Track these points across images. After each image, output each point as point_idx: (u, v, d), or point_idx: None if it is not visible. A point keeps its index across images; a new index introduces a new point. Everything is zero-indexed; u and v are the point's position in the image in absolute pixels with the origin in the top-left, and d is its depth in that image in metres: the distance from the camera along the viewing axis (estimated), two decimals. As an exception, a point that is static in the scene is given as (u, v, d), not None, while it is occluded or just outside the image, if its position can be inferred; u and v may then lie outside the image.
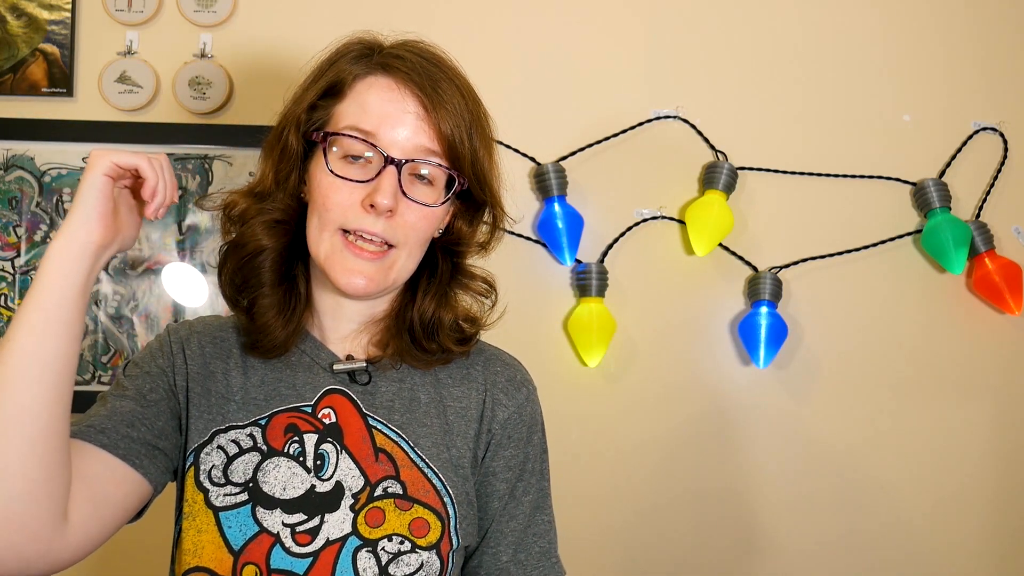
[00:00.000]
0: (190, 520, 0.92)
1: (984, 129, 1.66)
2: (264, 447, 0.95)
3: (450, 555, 0.95)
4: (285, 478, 0.94)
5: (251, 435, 0.95)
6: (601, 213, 1.64)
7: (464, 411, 1.02)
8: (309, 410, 0.97)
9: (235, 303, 1.02)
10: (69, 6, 1.63)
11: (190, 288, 1.62)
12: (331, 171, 0.93)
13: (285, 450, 0.95)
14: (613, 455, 1.64)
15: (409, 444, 0.97)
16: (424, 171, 0.95)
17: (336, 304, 1.01)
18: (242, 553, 0.91)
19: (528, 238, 1.64)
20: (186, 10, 1.63)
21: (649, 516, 1.63)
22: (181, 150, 1.62)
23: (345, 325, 1.02)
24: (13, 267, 1.62)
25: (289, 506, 0.92)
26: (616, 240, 1.64)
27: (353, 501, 0.93)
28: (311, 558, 0.91)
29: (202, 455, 0.95)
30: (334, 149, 0.94)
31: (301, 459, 0.95)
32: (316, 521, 0.92)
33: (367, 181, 0.93)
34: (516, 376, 1.06)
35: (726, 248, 1.64)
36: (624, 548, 1.63)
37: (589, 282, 1.60)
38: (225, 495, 0.93)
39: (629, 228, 1.64)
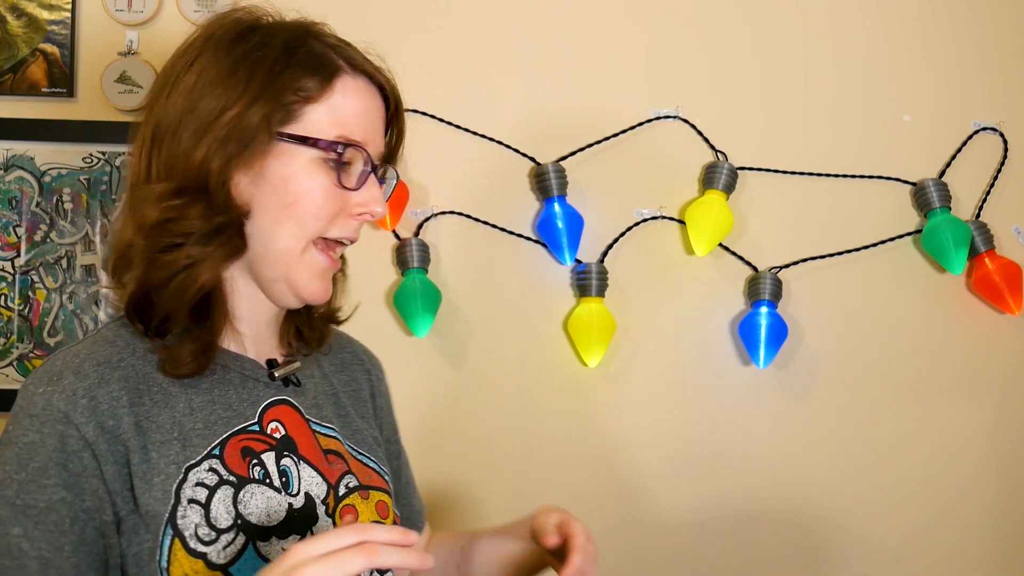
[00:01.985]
0: None
1: (984, 129, 1.66)
2: (232, 477, 0.85)
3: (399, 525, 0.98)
4: (264, 504, 0.86)
5: (212, 469, 0.84)
6: (601, 213, 1.64)
7: (357, 393, 1.06)
8: (256, 428, 0.90)
9: (144, 323, 0.87)
10: (69, 6, 1.63)
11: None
12: (342, 185, 0.88)
13: (251, 475, 0.86)
14: (613, 455, 1.64)
15: (342, 437, 0.98)
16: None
17: (253, 308, 0.94)
18: None
19: (528, 238, 1.64)
20: (186, 10, 1.63)
21: (649, 516, 1.63)
22: (181, 150, 1.62)
23: (259, 328, 0.95)
24: (13, 267, 1.62)
25: (281, 531, 0.86)
26: (616, 240, 1.64)
27: (324, 507, 0.91)
28: None
29: (178, 521, 0.81)
30: (321, 155, 0.88)
31: (268, 481, 0.87)
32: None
33: (356, 189, 0.89)
34: (367, 349, 1.13)
35: (726, 248, 1.64)
36: (624, 548, 1.63)
37: (589, 282, 1.60)
38: (223, 548, 0.82)
39: (629, 228, 1.64)
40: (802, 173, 1.65)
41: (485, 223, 1.63)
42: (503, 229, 1.63)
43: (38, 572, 0.76)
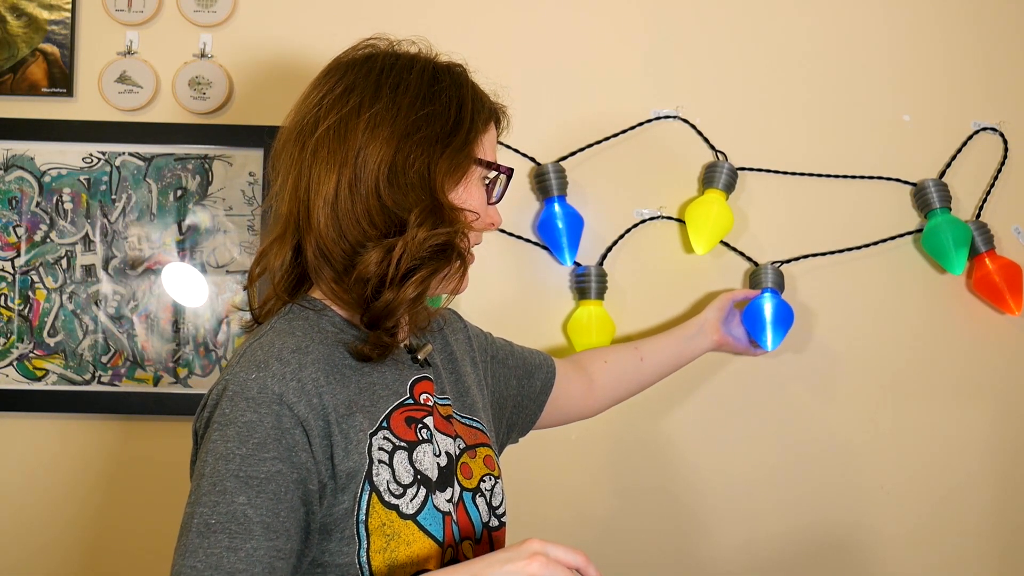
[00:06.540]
0: (396, 540, 0.95)
1: (984, 129, 1.66)
2: (402, 443, 0.99)
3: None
4: (430, 462, 1.00)
5: (386, 438, 0.98)
6: (601, 213, 1.64)
7: (450, 356, 1.17)
8: (411, 401, 1.03)
9: (374, 326, 0.99)
10: (69, 6, 1.63)
11: (190, 288, 1.62)
12: (497, 200, 1.09)
13: (419, 438, 1.01)
14: (613, 456, 1.64)
15: (451, 404, 1.11)
16: None
17: None
18: (443, 541, 0.99)
19: (528, 239, 1.64)
20: (186, 10, 1.63)
21: (650, 515, 1.64)
22: (181, 150, 1.62)
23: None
24: (13, 267, 1.62)
25: (440, 485, 1.01)
26: (616, 242, 1.64)
27: (454, 464, 1.05)
28: (459, 522, 1.03)
29: (374, 478, 0.95)
30: (484, 174, 1.07)
31: (431, 441, 1.02)
32: (452, 491, 1.03)
33: (496, 203, 1.09)
34: (442, 312, 1.25)
35: (727, 244, 1.64)
36: (625, 548, 1.63)
37: (588, 285, 1.60)
38: (410, 500, 0.97)
39: (629, 229, 1.64)
40: (802, 173, 1.65)
41: (485, 223, 1.63)
42: (502, 230, 1.63)
43: (261, 535, 0.86)
